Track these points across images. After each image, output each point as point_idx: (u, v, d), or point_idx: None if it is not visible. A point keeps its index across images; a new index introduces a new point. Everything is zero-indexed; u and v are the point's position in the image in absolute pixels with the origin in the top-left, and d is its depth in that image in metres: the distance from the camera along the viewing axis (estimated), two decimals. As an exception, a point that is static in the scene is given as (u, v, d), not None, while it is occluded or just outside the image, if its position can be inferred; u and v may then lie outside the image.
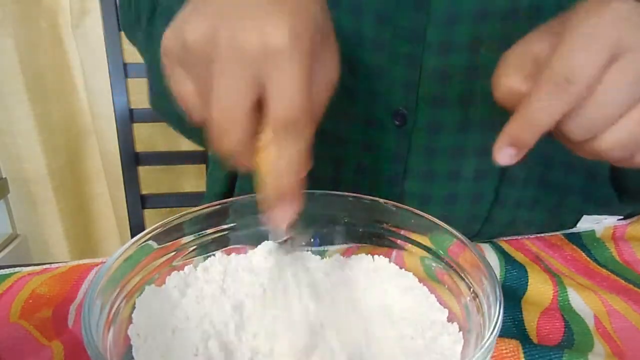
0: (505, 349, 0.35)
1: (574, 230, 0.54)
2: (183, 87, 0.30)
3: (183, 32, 0.28)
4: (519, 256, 0.48)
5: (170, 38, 0.29)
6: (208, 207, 0.38)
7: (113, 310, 0.31)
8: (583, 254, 0.49)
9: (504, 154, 0.31)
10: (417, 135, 0.49)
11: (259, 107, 0.27)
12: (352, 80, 0.48)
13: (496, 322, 0.27)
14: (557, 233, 0.53)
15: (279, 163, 0.28)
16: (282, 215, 0.29)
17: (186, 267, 0.38)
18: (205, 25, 0.27)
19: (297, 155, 0.28)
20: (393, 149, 0.50)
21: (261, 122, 0.28)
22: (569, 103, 0.29)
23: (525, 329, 0.39)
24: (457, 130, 0.49)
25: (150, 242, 0.35)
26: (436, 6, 0.44)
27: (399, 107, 0.48)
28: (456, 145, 0.50)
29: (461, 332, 0.33)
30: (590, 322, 0.39)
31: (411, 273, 0.38)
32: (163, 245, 0.36)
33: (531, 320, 0.40)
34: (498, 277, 0.45)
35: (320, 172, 0.54)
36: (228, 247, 0.40)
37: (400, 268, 0.39)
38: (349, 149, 0.52)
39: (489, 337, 0.26)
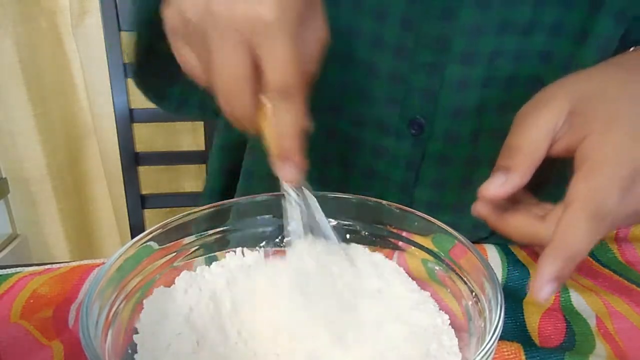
0: (507, 352, 0.35)
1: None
2: (189, 61, 0.32)
3: (181, 9, 0.30)
4: (522, 255, 0.48)
5: (171, 16, 0.31)
6: (209, 208, 0.38)
7: (112, 312, 0.31)
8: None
9: (549, 291, 0.30)
10: (433, 144, 0.49)
11: (259, 71, 0.29)
12: (371, 85, 0.48)
13: (497, 326, 0.27)
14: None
15: (278, 127, 0.30)
16: (289, 173, 0.31)
17: (198, 267, 0.38)
18: (199, 1, 0.29)
19: (294, 118, 0.30)
20: (406, 156, 0.50)
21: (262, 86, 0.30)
22: (606, 232, 0.31)
23: (527, 330, 0.39)
24: (472, 139, 0.49)
25: (150, 243, 0.35)
26: (463, 16, 0.44)
27: (416, 116, 0.48)
28: (470, 155, 0.49)
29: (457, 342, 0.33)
30: (592, 323, 0.39)
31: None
32: (163, 246, 0.36)
33: (533, 321, 0.40)
34: (500, 278, 0.45)
35: (328, 173, 0.54)
36: (229, 249, 0.40)
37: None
38: (360, 153, 0.52)
39: (490, 341, 0.26)
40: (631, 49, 0.43)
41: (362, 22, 0.46)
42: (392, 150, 0.50)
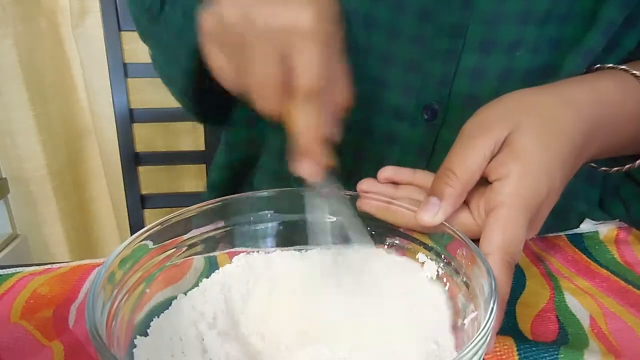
0: (500, 351, 0.35)
1: (577, 230, 0.54)
2: (221, 63, 0.35)
3: (222, 15, 0.33)
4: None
5: (209, 21, 0.34)
6: (207, 205, 0.38)
7: (114, 309, 0.31)
8: (584, 256, 0.49)
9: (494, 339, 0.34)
10: (446, 131, 0.49)
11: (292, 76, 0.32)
12: (385, 72, 0.49)
13: (491, 314, 0.27)
14: (561, 234, 0.53)
15: (301, 125, 0.33)
16: (307, 168, 0.34)
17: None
18: (241, 9, 0.32)
19: (316, 118, 0.33)
20: (419, 143, 0.50)
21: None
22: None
23: (520, 330, 0.39)
24: None
25: (150, 239, 0.35)
26: (481, 4, 0.44)
27: (431, 102, 0.48)
28: None
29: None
30: (586, 323, 0.39)
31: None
32: (163, 243, 0.36)
33: (525, 322, 0.40)
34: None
35: (340, 163, 0.54)
36: (232, 249, 0.40)
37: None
38: (372, 141, 0.52)
39: (483, 328, 0.26)
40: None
41: (379, 12, 0.46)
42: (405, 137, 0.51)
